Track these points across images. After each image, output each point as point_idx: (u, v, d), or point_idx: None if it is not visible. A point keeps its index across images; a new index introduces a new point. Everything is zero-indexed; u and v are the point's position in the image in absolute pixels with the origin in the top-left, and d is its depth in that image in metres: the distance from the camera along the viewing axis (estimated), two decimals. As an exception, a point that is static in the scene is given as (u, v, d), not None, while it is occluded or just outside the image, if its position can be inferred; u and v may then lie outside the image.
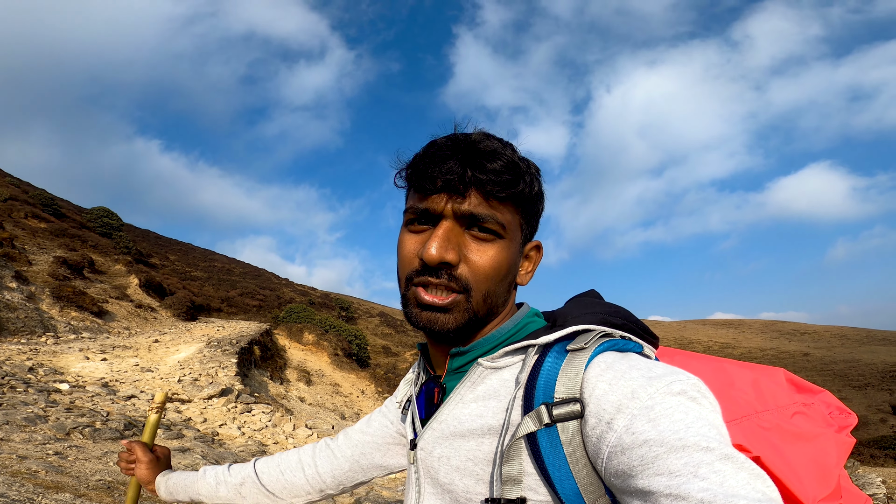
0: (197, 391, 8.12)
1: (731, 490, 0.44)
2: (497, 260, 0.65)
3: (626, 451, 0.50)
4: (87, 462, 3.81)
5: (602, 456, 0.53)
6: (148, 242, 34.11)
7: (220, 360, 10.93)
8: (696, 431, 0.49)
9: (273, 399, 10.68)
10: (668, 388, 0.53)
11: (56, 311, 11.46)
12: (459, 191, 0.63)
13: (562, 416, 0.57)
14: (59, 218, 22.13)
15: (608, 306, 0.69)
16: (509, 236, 0.66)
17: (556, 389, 0.58)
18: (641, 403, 0.52)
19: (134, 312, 14.83)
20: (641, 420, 0.51)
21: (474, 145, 0.64)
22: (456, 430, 0.67)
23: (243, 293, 28.26)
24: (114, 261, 18.64)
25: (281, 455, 1.02)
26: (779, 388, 0.76)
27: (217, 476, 1.01)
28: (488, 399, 0.65)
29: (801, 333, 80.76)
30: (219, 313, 22.66)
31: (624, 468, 0.50)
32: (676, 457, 0.47)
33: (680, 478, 0.46)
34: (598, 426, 0.54)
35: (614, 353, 0.60)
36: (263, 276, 39.69)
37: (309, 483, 0.97)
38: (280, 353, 16.62)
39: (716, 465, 0.46)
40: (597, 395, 0.55)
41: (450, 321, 0.65)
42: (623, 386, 0.54)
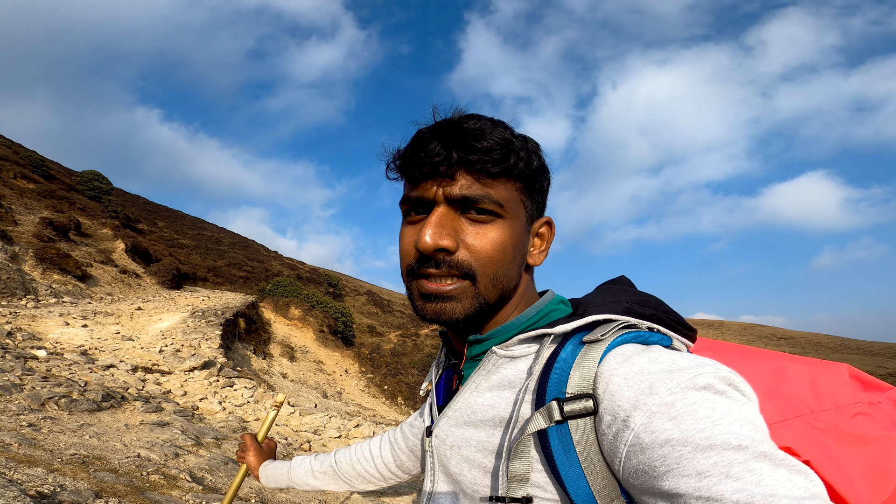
0: (178, 363, 8.05)
1: (770, 489, 0.40)
2: (499, 241, 0.62)
3: (645, 451, 0.47)
4: (61, 435, 3.75)
5: (619, 456, 0.50)
6: (137, 208, 33.59)
7: (204, 332, 10.85)
8: (725, 429, 0.45)
9: (255, 374, 10.64)
10: (692, 381, 0.49)
11: (38, 274, 11.26)
12: (447, 174, 0.61)
13: (573, 412, 0.54)
14: (48, 179, 21.66)
15: (637, 294, 0.65)
16: (510, 215, 0.63)
17: (569, 384, 0.55)
18: (661, 400, 0.49)
19: (118, 278, 14.63)
20: (662, 418, 0.47)
21: (458, 126, 0.61)
22: (469, 420, 0.65)
23: (231, 263, 28.03)
24: (101, 224, 18.33)
25: (359, 446, 1.11)
26: (840, 386, 0.68)
27: (310, 465, 1.12)
28: (502, 389, 0.63)
29: (777, 338, 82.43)
30: (204, 283, 22.47)
31: (645, 468, 0.47)
32: (704, 456, 0.43)
33: (710, 479, 0.42)
34: (614, 424, 0.51)
35: (634, 346, 0.56)
36: (252, 247, 39.37)
37: (379, 472, 1.04)
38: (265, 326, 16.56)
39: (750, 463, 0.42)
40: (611, 390, 0.52)
41: (458, 309, 0.62)
42: (640, 381, 0.51)
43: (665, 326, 0.62)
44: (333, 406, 11.20)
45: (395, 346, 33.23)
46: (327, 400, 12.42)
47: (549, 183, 0.69)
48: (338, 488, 1.10)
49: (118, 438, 3.99)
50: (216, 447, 4.62)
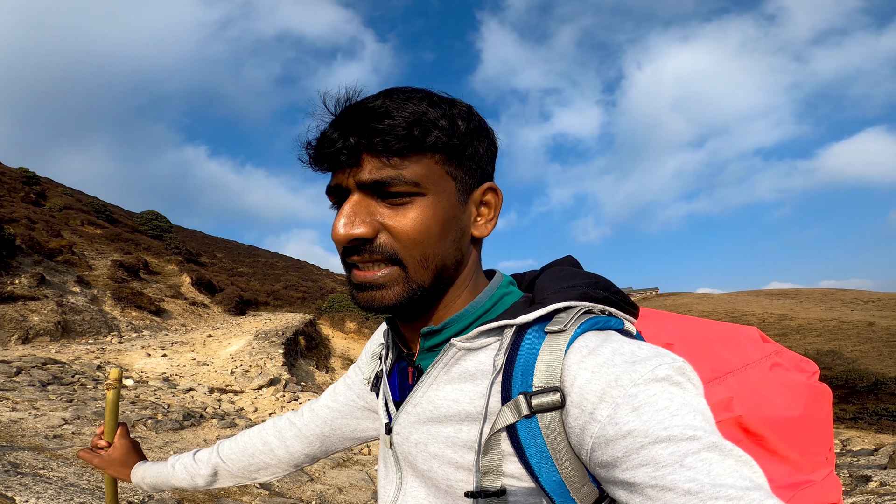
0: (248, 382, 8.62)
1: (718, 479, 0.43)
2: (421, 220, 0.59)
3: (610, 443, 0.49)
4: (150, 452, 4.21)
5: (586, 447, 0.52)
6: (196, 242, 35.69)
7: (268, 352, 11.45)
8: (681, 420, 0.48)
9: (319, 387, 11.16)
10: (653, 373, 0.51)
11: (118, 312, 12.30)
12: (350, 162, 0.58)
13: (541, 406, 0.54)
14: (112, 223, 23.47)
15: (588, 277, 0.65)
16: (432, 190, 0.59)
17: (535, 377, 0.56)
18: (625, 391, 0.50)
19: (188, 309, 15.71)
20: (625, 409, 0.50)
21: (358, 108, 0.58)
22: (432, 415, 0.64)
23: (287, 286, 29.24)
24: (166, 261, 19.71)
25: (243, 438, 1.01)
26: (754, 344, 0.76)
27: (187, 468, 1.02)
28: (464, 382, 0.62)
29: (864, 301, 76.25)
30: (265, 306, 23.54)
31: (609, 459, 0.49)
32: (662, 447, 0.46)
33: (666, 468, 0.45)
34: (581, 417, 0.52)
35: (595, 335, 0.57)
36: (305, 268, 40.89)
37: (281, 462, 0.97)
38: (324, 342, 17.22)
39: (702, 454, 0.45)
40: (578, 384, 0.53)
41: (388, 297, 0.60)
42: (605, 373, 0.52)
43: (616, 308, 0.63)
44: (396, 411, 11.54)
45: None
46: (390, 406, 12.79)
47: (488, 146, 0.64)
48: (234, 484, 1.03)
49: (200, 451, 4.43)
50: (286, 454, 5.01)
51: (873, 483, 3.86)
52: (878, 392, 28.97)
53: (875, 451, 6.17)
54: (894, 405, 25.86)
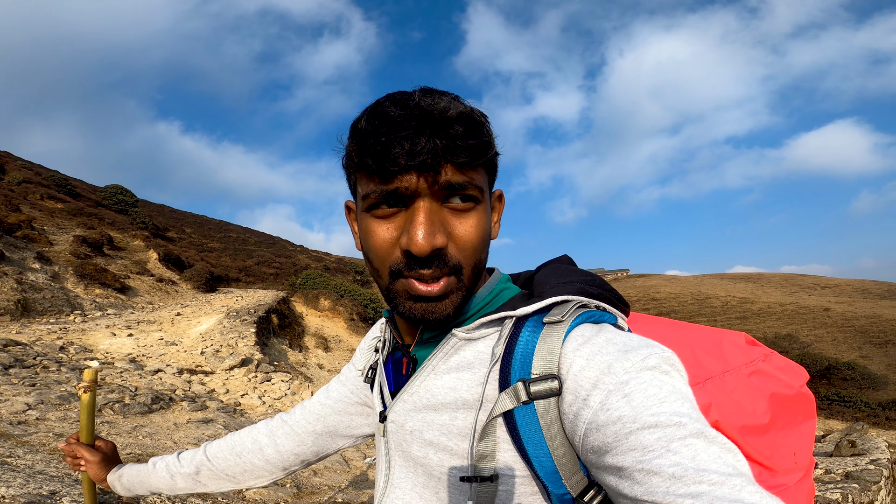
0: (219, 362, 8.52)
1: (702, 464, 0.45)
2: (480, 228, 0.61)
3: (601, 428, 0.51)
4: (118, 437, 4.13)
5: (579, 433, 0.53)
6: (163, 217, 34.67)
7: (240, 331, 11.30)
8: (669, 406, 0.49)
9: (292, 367, 11.12)
10: (643, 362, 0.53)
11: (81, 290, 11.92)
12: (434, 168, 0.56)
13: (540, 393, 0.56)
14: (74, 198, 22.57)
15: (585, 274, 0.68)
16: (483, 198, 0.62)
17: (534, 365, 0.57)
18: (617, 378, 0.52)
19: (155, 286, 15.33)
20: (616, 396, 0.51)
21: (437, 111, 0.57)
22: (429, 403, 0.65)
23: (259, 262, 28.79)
24: (132, 236, 19.11)
25: (234, 437, 0.99)
26: (738, 350, 0.78)
27: (169, 468, 0.99)
28: (462, 371, 0.63)
29: (821, 287, 79.65)
30: (237, 283, 23.18)
31: (599, 445, 0.51)
32: (649, 432, 0.48)
33: (652, 453, 0.46)
34: (575, 403, 0.54)
35: (590, 326, 0.59)
36: (278, 243, 40.27)
37: (270, 463, 0.94)
38: (297, 320, 17.08)
39: (688, 440, 0.46)
40: (574, 371, 0.55)
41: (448, 307, 0.61)
42: (599, 361, 0.54)
43: (609, 304, 0.65)
44: (369, 391, 11.61)
45: (425, 328, 33.67)
46: (363, 385, 12.84)
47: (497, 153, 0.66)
48: (217, 488, 0.98)
49: (168, 436, 4.38)
50: (258, 438, 5.00)
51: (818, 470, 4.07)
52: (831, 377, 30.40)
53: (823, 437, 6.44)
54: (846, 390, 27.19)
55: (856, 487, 3.54)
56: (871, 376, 30.83)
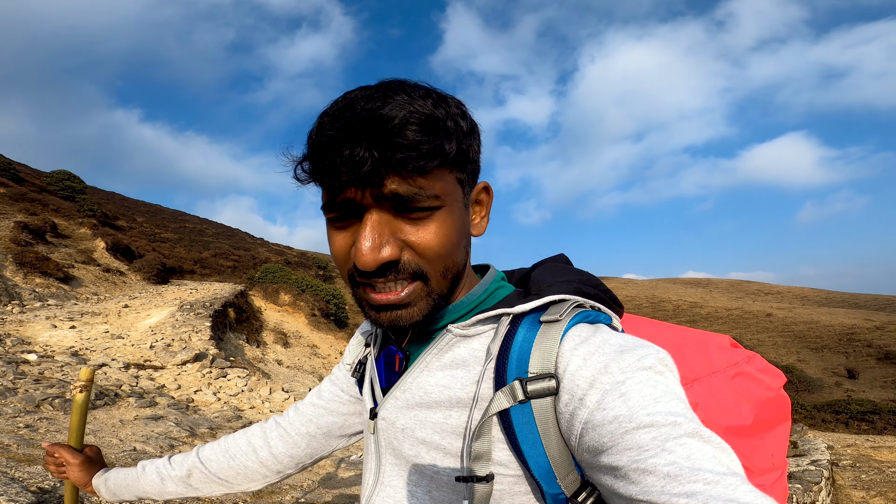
0: (170, 357, 8.13)
1: (697, 463, 0.45)
2: (443, 232, 0.58)
3: (597, 428, 0.51)
4: (58, 434, 3.85)
5: (575, 432, 0.53)
6: (113, 205, 33.03)
7: (194, 324, 10.88)
8: (664, 406, 0.49)
9: (249, 363, 10.77)
10: (639, 362, 0.53)
11: (20, 279, 11.16)
12: (371, 179, 0.54)
13: (536, 392, 0.55)
14: (17, 182, 21.20)
15: (581, 274, 0.67)
16: (448, 200, 0.59)
17: (531, 364, 0.57)
18: (613, 378, 0.52)
19: (101, 277, 14.54)
20: (612, 395, 0.51)
21: (377, 118, 0.53)
22: (422, 401, 0.64)
23: (217, 254, 27.86)
24: (78, 224, 18.07)
25: (227, 439, 0.96)
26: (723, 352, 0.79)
27: (160, 471, 0.95)
28: (456, 368, 0.63)
29: (764, 293, 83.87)
30: (191, 275, 22.36)
31: (595, 444, 0.50)
32: (645, 432, 0.48)
33: (647, 452, 0.46)
34: (572, 402, 0.54)
35: (587, 326, 0.59)
36: (237, 235, 39.08)
37: (264, 466, 0.91)
38: (256, 314, 16.61)
39: (682, 439, 0.46)
40: (571, 370, 0.55)
41: (415, 314, 0.60)
42: (596, 361, 0.54)
43: (604, 304, 0.65)
44: (328, 388, 11.40)
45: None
46: (322, 382, 12.61)
47: (479, 142, 0.63)
48: (209, 492, 0.94)
49: (114, 434, 4.11)
50: (211, 437, 4.76)
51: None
52: (772, 376, 31.87)
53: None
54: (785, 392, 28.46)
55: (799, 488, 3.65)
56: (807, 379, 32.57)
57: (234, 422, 5.57)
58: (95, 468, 1.00)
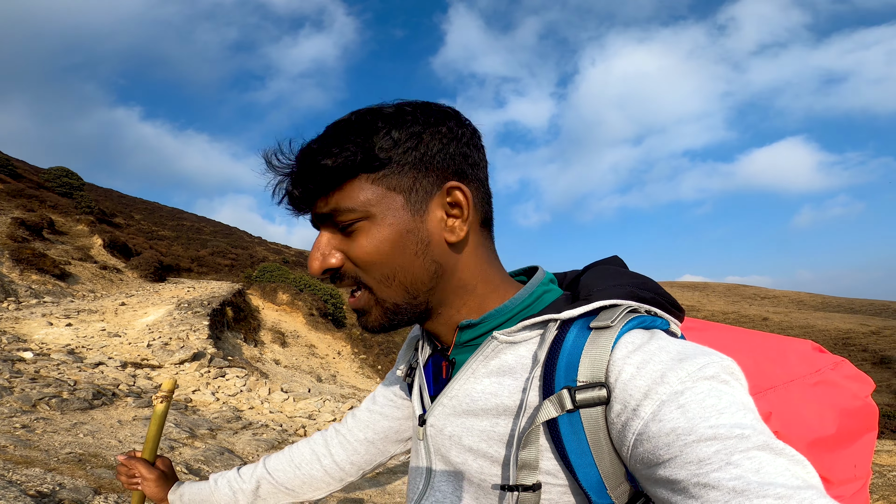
0: (168, 356, 8.05)
1: (768, 478, 0.41)
2: (368, 242, 0.60)
3: (651, 439, 0.48)
4: (55, 434, 3.77)
5: (627, 444, 0.51)
6: (111, 202, 32.83)
7: (192, 323, 10.79)
8: (728, 418, 0.46)
9: (247, 362, 10.69)
10: (700, 371, 0.50)
11: (16, 275, 11.05)
12: (306, 209, 0.63)
13: (586, 401, 0.53)
14: (15, 178, 21.03)
15: (635, 277, 0.65)
16: (376, 211, 0.59)
17: (580, 372, 0.55)
18: (671, 388, 0.49)
19: (98, 274, 14.43)
20: (670, 406, 0.48)
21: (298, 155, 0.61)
22: (469, 408, 0.63)
23: (214, 252, 27.72)
24: (75, 221, 17.94)
25: (291, 449, 0.97)
26: (802, 359, 0.75)
27: (230, 484, 0.95)
28: (503, 376, 0.61)
29: (761, 298, 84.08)
30: (188, 273, 22.24)
31: (650, 457, 0.48)
32: (707, 444, 0.44)
33: (710, 465, 0.43)
34: (624, 413, 0.51)
35: (641, 332, 0.56)
36: (235, 234, 38.90)
37: (328, 474, 0.92)
38: (253, 314, 16.52)
39: (751, 452, 0.43)
40: (623, 379, 0.52)
41: (371, 321, 0.64)
42: (651, 370, 0.51)
43: (661, 309, 0.61)
44: (328, 389, 11.32)
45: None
46: (322, 384, 12.54)
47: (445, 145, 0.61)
48: (276, 502, 0.94)
49: (112, 435, 4.03)
50: (211, 438, 4.69)
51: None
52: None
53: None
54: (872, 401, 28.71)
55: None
56: (805, 381, 32.49)
57: (233, 422, 5.49)
58: (169, 483, 1.00)
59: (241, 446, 4.61)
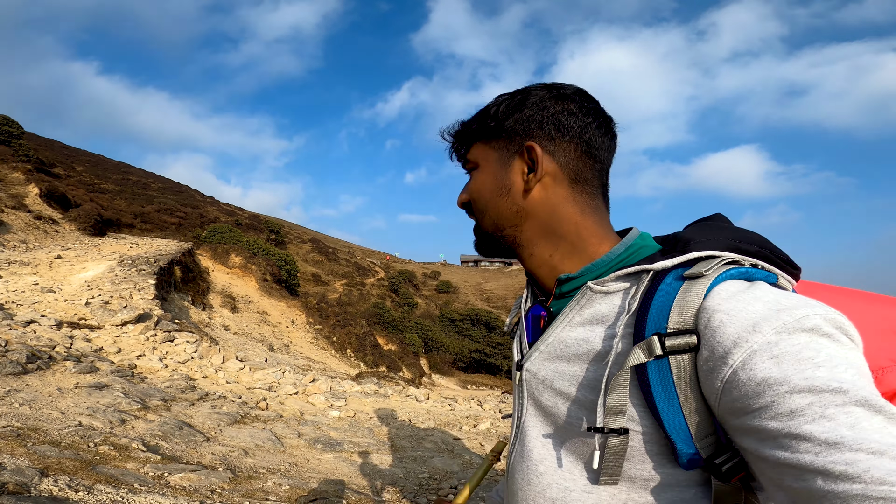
0: (109, 316, 7.42)
1: (863, 434, 0.41)
2: (474, 185, 0.75)
3: (741, 387, 0.48)
4: (-19, 401, 3.30)
5: (716, 391, 0.51)
6: (52, 152, 30.21)
7: (136, 281, 10.09)
8: (827, 372, 0.45)
9: (196, 327, 10.10)
10: (799, 322, 0.48)
11: (-68, 217, 9.90)
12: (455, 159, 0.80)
13: (675, 347, 0.53)
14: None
15: (738, 231, 0.64)
16: (483, 162, 0.74)
17: (670, 319, 0.55)
18: (764, 338, 0.48)
19: (32, 224, 13.23)
20: (762, 356, 0.47)
21: None
22: (561, 353, 0.66)
23: (161, 209, 26.14)
24: (11, 168, 16.37)
25: None
26: None
27: None
28: (595, 324, 0.63)
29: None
30: (130, 229, 20.92)
31: (738, 405, 0.48)
32: (800, 396, 0.44)
33: (802, 417, 0.43)
34: (712, 359, 0.51)
35: (738, 282, 0.55)
36: (186, 192, 36.78)
37: None
38: (203, 275, 15.71)
39: (848, 406, 0.43)
40: (713, 325, 0.52)
41: (475, 244, 0.79)
42: (743, 318, 0.50)
43: (770, 263, 0.59)
44: (284, 360, 10.90)
45: (340, 296, 32.69)
46: (275, 353, 12.09)
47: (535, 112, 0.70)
48: None
49: (53, 405, 3.58)
50: (165, 410, 4.28)
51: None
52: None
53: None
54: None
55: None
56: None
57: (188, 393, 5.06)
58: None
59: (200, 419, 4.23)
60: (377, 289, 38.12)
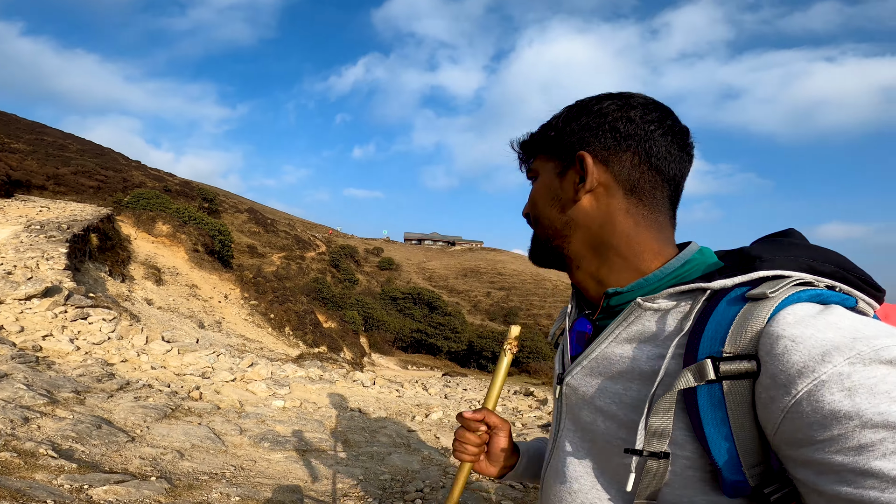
0: (11, 289, 6.44)
1: None
2: (532, 194, 0.76)
3: (804, 418, 0.46)
4: None
5: (775, 421, 0.48)
6: (-57, 97, 26.55)
7: (44, 249, 8.98)
8: None
9: (113, 300, 9.12)
10: (877, 353, 0.45)
11: None
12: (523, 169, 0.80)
13: (730, 373, 0.51)
14: None
15: (813, 249, 0.59)
16: (541, 172, 0.75)
17: (726, 342, 0.52)
18: (835, 369, 0.45)
19: (-87, 176, 11.41)
20: (832, 388, 0.44)
21: None
22: (605, 370, 0.64)
23: (78, 171, 23.72)
24: None
25: None
26: None
27: None
28: (643, 342, 0.61)
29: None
30: (41, 191, 18.86)
31: (799, 436, 0.46)
32: (873, 432, 0.42)
33: (872, 453, 0.41)
34: (773, 388, 0.48)
35: (810, 305, 0.51)
36: (108, 155, 33.56)
37: None
38: (123, 244, 14.35)
39: None
40: (775, 352, 0.48)
41: (529, 251, 0.78)
42: (811, 345, 0.47)
43: (849, 286, 0.55)
44: (217, 339, 10.09)
45: (278, 269, 31.32)
46: (206, 331, 11.22)
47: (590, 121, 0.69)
48: None
49: (-78, 402, 2.88)
50: (79, 404, 3.62)
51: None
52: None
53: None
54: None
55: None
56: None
57: (106, 381, 4.37)
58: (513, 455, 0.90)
59: (121, 415, 3.60)
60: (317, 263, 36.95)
